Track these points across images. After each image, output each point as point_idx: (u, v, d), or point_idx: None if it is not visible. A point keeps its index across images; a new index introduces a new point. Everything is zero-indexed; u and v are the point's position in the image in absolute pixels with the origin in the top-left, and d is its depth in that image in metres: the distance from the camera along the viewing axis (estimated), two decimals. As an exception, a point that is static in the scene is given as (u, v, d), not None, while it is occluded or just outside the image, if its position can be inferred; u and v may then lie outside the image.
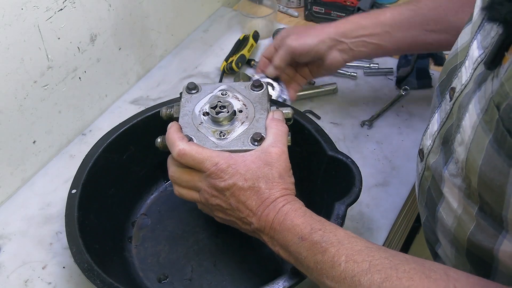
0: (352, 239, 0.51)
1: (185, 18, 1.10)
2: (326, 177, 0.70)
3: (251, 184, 0.57)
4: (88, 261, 0.60)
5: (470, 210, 0.51)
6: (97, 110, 0.94)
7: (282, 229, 0.55)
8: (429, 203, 0.60)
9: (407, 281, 0.45)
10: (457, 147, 0.50)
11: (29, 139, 0.82)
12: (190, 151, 0.59)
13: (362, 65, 1.02)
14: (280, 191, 0.57)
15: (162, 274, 0.70)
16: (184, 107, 0.66)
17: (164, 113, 0.68)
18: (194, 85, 0.68)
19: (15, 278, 0.72)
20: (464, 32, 0.58)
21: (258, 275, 0.70)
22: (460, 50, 0.57)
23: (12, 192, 0.83)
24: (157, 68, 1.04)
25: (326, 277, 0.50)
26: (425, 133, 0.62)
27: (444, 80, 0.60)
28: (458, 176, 0.51)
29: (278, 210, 0.56)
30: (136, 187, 0.79)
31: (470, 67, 0.51)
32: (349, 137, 0.89)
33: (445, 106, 0.57)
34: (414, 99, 0.96)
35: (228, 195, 0.58)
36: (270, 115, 0.65)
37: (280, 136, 0.61)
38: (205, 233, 0.75)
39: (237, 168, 0.57)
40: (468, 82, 0.51)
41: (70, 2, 0.79)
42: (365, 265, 0.48)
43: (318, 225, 0.53)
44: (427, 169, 0.60)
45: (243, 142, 0.62)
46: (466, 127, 0.48)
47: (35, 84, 0.79)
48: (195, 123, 0.64)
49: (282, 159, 0.59)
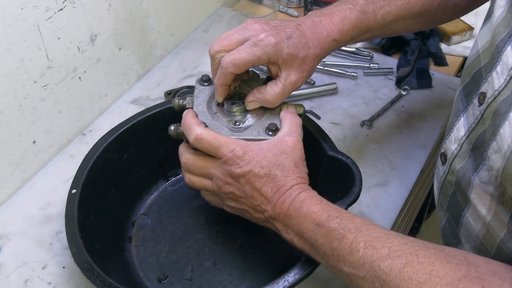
0: (369, 226, 0.52)
1: (185, 18, 1.10)
2: (326, 177, 0.70)
3: (267, 172, 0.57)
4: (88, 261, 0.60)
5: (502, 217, 0.50)
6: (97, 110, 0.94)
7: (298, 215, 0.55)
8: (453, 207, 0.60)
9: (429, 266, 0.45)
10: (492, 155, 0.50)
11: (29, 139, 0.82)
12: (207, 136, 0.59)
13: (362, 65, 1.02)
14: (296, 179, 0.58)
15: (162, 274, 0.70)
16: (198, 98, 0.67)
17: (176, 104, 0.68)
18: (208, 77, 0.69)
19: (15, 278, 0.72)
20: (482, 32, 0.58)
21: (258, 275, 0.70)
22: (482, 52, 0.57)
23: (12, 192, 0.83)
24: (157, 68, 1.04)
25: (343, 263, 0.50)
26: (449, 137, 0.61)
27: (469, 83, 0.59)
28: (490, 184, 0.51)
29: (294, 197, 0.56)
30: (136, 187, 0.79)
31: (504, 73, 0.51)
32: (349, 137, 0.89)
33: (473, 111, 0.56)
34: (414, 99, 0.96)
35: (243, 182, 0.58)
36: (284, 108, 0.65)
37: (295, 127, 0.62)
38: (205, 233, 0.75)
39: (253, 156, 0.58)
40: (503, 88, 0.51)
41: (70, 2, 0.79)
42: (384, 251, 0.48)
43: (335, 212, 0.54)
44: (450, 173, 0.60)
45: (258, 131, 0.63)
46: (505, 136, 0.47)
47: (35, 84, 0.79)
48: (209, 112, 0.65)
49: (298, 148, 0.60)
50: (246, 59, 0.60)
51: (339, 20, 0.64)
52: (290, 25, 0.63)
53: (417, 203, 1.07)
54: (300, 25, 0.63)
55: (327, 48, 0.65)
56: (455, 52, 1.06)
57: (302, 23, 0.64)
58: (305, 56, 0.62)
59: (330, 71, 1.01)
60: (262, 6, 1.13)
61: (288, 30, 0.62)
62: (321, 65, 1.01)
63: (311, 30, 0.63)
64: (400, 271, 0.46)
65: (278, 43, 0.60)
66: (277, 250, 0.72)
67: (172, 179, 0.82)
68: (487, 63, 0.55)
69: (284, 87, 0.63)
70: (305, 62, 0.62)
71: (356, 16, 0.65)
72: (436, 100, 0.96)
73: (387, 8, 0.67)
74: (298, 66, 0.62)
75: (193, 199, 0.79)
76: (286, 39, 0.61)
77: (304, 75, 0.63)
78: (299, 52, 0.61)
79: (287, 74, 0.62)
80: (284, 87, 0.63)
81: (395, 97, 0.95)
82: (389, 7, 0.67)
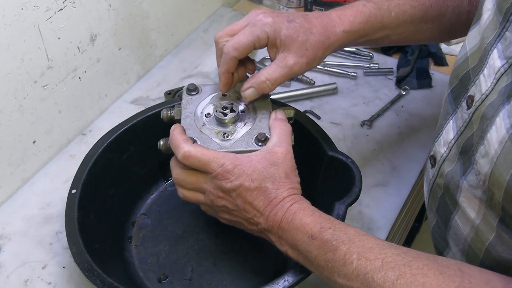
0: (363, 237, 0.51)
1: (185, 18, 1.10)
2: (326, 177, 0.70)
3: (257, 185, 0.57)
4: (88, 261, 0.60)
5: (491, 221, 0.50)
6: (97, 110, 0.94)
7: (291, 228, 0.55)
8: (442, 210, 0.60)
9: (422, 278, 0.45)
10: (480, 159, 0.49)
11: (29, 139, 0.82)
12: (195, 153, 0.58)
13: (362, 65, 1.02)
14: (288, 191, 0.57)
15: (162, 274, 0.70)
16: (185, 109, 0.66)
17: (164, 115, 0.68)
18: (195, 87, 0.68)
19: (15, 278, 0.72)
20: (471, 35, 0.57)
21: (258, 275, 0.70)
22: (470, 54, 0.56)
23: (12, 192, 0.83)
24: (157, 68, 1.04)
25: (337, 275, 0.50)
26: (438, 139, 0.61)
27: (457, 86, 0.58)
28: (478, 188, 0.51)
29: (286, 209, 0.56)
30: (136, 187, 0.79)
31: (491, 76, 0.50)
32: (349, 137, 0.89)
33: (461, 114, 0.56)
34: (414, 99, 0.96)
35: (234, 196, 0.57)
36: (273, 114, 0.64)
37: (284, 136, 0.61)
38: (205, 233, 0.75)
39: (243, 169, 0.57)
40: (490, 92, 0.50)
41: (70, 2, 0.79)
42: (377, 262, 0.48)
43: (328, 223, 0.53)
44: (439, 176, 0.60)
45: (247, 142, 0.62)
46: (492, 141, 0.47)
47: (35, 84, 0.79)
48: (197, 124, 0.64)
49: (288, 158, 0.59)
50: (246, 41, 0.60)
51: (351, 12, 0.64)
52: (296, 13, 0.63)
53: (417, 203, 1.07)
54: (308, 14, 0.63)
55: (335, 38, 0.63)
56: (455, 52, 1.06)
57: (310, 14, 0.63)
58: (305, 40, 0.61)
59: (330, 71, 1.01)
60: (262, 6, 1.13)
61: (292, 16, 0.61)
62: (321, 65, 1.01)
63: (318, 19, 0.62)
64: (394, 283, 0.46)
65: (277, 23, 0.60)
66: (277, 250, 0.72)
67: (172, 179, 0.82)
68: (475, 66, 0.55)
69: (278, 69, 0.61)
70: (305, 46, 0.61)
71: (370, 10, 0.64)
72: (436, 100, 0.96)
73: (402, 7, 0.66)
74: (296, 50, 0.61)
75: (193, 199, 0.79)
76: (287, 21, 0.60)
77: (303, 60, 0.61)
78: (299, 35, 0.60)
79: (284, 57, 0.61)
80: (279, 69, 0.61)
81: (395, 97, 0.95)
82: (404, 6, 0.66)
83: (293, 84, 0.99)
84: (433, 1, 0.68)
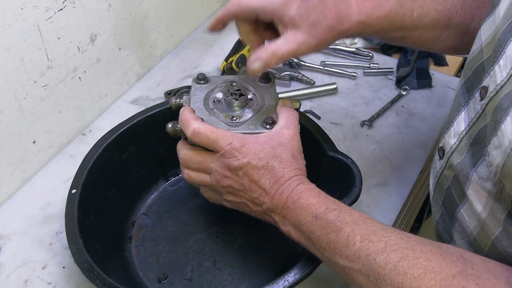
0: (367, 220, 0.51)
1: (185, 18, 1.10)
2: (326, 177, 0.70)
3: (264, 163, 0.57)
4: (88, 261, 0.60)
5: (498, 214, 0.50)
6: (97, 110, 0.94)
7: (296, 207, 0.55)
8: (448, 202, 0.60)
9: (424, 261, 0.45)
10: (492, 151, 0.49)
11: (29, 139, 0.82)
12: (204, 130, 0.59)
13: (362, 65, 1.02)
14: (294, 171, 0.58)
15: (162, 274, 0.70)
16: (194, 96, 0.67)
17: (173, 103, 0.68)
18: (204, 76, 0.69)
19: (15, 278, 0.72)
20: (486, 25, 0.56)
21: (258, 275, 0.70)
22: (485, 45, 0.55)
23: (12, 192, 0.83)
24: (157, 68, 1.04)
25: (339, 256, 0.50)
26: (448, 131, 0.60)
27: (470, 77, 0.58)
28: (488, 180, 0.50)
29: (293, 189, 0.56)
30: (136, 187, 0.79)
31: (507, 67, 0.50)
32: (349, 137, 0.89)
33: (474, 105, 0.55)
34: (414, 99, 0.96)
35: (241, 174, 0.58)
36: (280, 102, 0.65)
37: (292, 120, 0.62)
38: (205, 233, 0.75)
39: (251, 148, 0.58)
40: (505, 82, 0.49)
41: (70, 2, 0.79)
42: (380, 244, 0.48)
43: (333, 205, 0.54)
44: (447, 168, 0.60)
45: (255, 125, 0.63)
46: (506, 132, 0.46)
47: (35, 84, 0.79)
48: (206, 109, 0.65)
49: (295, 140, 0.60)
50: (251, 4, 0.60)
51: (371, 4, 0.61)
52: None
53: (417, 203, 1.07)
54: None
55: (349, 26, 0.61)
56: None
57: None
58: (316, 21, 0.59)
59: (330, 71, 1.01)
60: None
61: None
62: (321, 65, 1.01)
63: (334, 4, 0.60)
64: (395, 265, 0.46)
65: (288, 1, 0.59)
66: (277, 250, 0.72)
67: (172, 179, 0.82)
68: (490, 56, 0.54)
69: (286, 44, 0.60)
70: (315, 28, 0.59)
71: (391, 6, 0.62)
72: (436, 100, 0.96)
73: (426, 9, 0.64)
74: (306, 29, 0.59)
75: (192, 199, 0.79)
76: (300, 1, 0.59)
77: (312, 41, 0.60)
78: (310, 15, 0.59)
79: (293, 34, 0.59)
80: (287, 44, 0.60)
81: (395, 97, 0.95)
82: (428, 8, 0.64)
83: (293, 84, 0.99)
84: (459, 8, 0.65)
